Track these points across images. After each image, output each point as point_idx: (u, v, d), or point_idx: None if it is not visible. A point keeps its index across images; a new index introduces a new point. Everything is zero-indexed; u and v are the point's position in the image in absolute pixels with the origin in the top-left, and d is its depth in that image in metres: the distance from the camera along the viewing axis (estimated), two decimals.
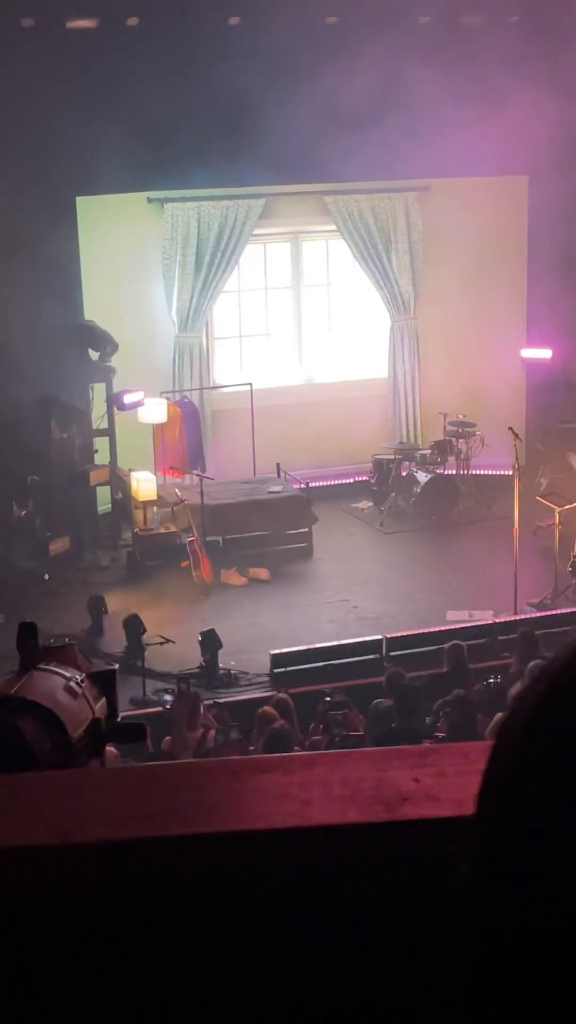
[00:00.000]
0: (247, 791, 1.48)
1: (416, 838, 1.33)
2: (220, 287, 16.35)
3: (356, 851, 1.34)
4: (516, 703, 0.77)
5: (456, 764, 1.44)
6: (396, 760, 1.53)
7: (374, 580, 13.90)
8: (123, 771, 2.02)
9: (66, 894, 1.36)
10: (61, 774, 1.81)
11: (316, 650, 11.63)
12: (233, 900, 1.35)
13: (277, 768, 1.53)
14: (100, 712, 2.01)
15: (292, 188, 16.06)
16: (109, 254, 15.35)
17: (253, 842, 1.37)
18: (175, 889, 1.36)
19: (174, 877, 1.37)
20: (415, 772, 1.43)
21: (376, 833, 1.35)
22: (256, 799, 1.45)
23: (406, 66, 14.35)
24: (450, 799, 1.35)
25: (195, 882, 1.36)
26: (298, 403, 16.81)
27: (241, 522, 14.42)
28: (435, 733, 9.20)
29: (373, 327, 17.39)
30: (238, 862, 1.37)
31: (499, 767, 0.76)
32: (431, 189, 16.82)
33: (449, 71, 14.49)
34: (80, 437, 14.86)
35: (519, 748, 0.74)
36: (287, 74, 14.00)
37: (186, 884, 1.36)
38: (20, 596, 13.04)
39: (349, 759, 1.60)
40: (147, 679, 11.22)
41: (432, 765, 1.46)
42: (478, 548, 14.34)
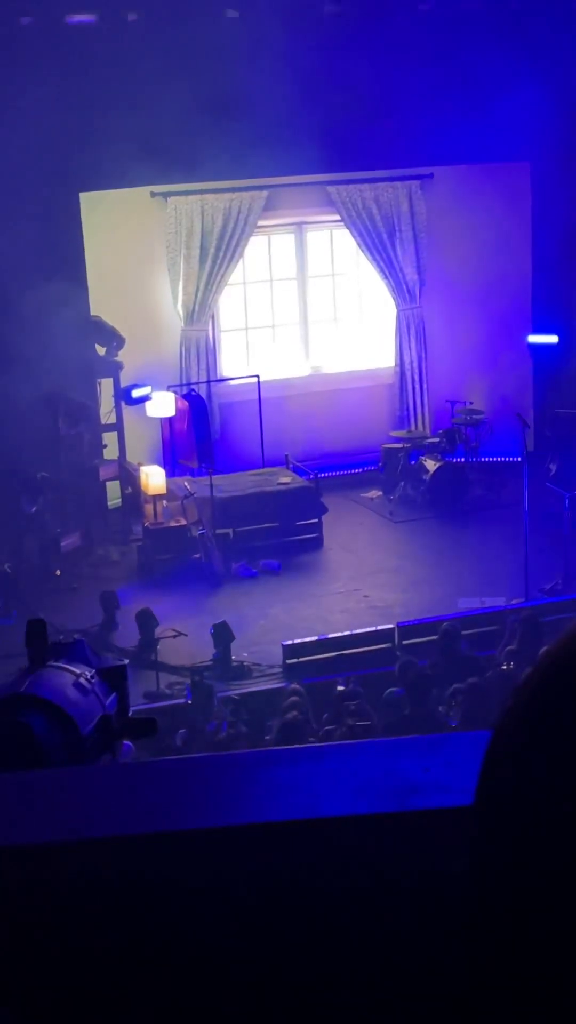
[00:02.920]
0: (258, 784, 1.48)
1: (427, 828, 1.33)
2: (225, 280, 16.33)
3: (366, 843, 1.34)
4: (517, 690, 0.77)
5: (467, 753, 1.44)
6: (406, 750, 1.53)
7: (385, 569, 13.90)
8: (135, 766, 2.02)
9: (79, 891, 1.36)
10: (72, 771, 1.82)
11: (328, 640, 11.64)
12: (245, 893, 1.36)
13: (287, 760, 1.53)
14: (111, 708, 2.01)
15: (295, 179, 16.03)
16: (114, 249, 15.34)
17: (264, 835, 1.37)
18: (189, 884, 1.37)
19: (187, 872, 1.37)
20: (425, 762, 1.43)
21: (386, 824, 1.35)
22: (267, 792, 1.46)
23: (407, 54, 14.33)
24: (461, 788, 1.35)
25: (208, 876, 1.37)
26: (305, 394, 16.80)
27: (251, 514, 14.42)
28: (448, 721, 9.21)
29: (379, 316, 17.36)
30: (250, 855, 1.37)
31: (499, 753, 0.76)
32: (434, 177, 16.78)
33: (450, 58, 14.46)
34: (89, 433, 14.87)
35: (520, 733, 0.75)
36: (287, 65, 13.95)
37: (199, 878, 1.37)
38: (32, 592, 13.08)
39: (359, 750, 1.60)
40: (160, 673, 11.25)
41: (443, 754, 1.46)
42: (488, 535, 14.33)
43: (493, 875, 0.73)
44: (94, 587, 13.24)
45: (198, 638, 11.78)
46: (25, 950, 1.36)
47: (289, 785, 1.44)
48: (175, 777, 1.55)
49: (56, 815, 1.46)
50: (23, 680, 1.98)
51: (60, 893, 1.36)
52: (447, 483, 15.51)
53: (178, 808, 1.44)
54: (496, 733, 0.77)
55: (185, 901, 1.36)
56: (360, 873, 1.34)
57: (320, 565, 14.30)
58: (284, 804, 1.41)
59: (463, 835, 0.85)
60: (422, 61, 14.37)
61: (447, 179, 16.67)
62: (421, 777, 1.39)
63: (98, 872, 1.37)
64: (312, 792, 1.40)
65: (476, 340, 17.02)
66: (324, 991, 1.34)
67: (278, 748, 7.08)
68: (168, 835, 1.38)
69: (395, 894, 1.33)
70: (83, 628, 11.87)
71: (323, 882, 1.34)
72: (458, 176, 16.56)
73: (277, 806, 1.42)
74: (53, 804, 1.49)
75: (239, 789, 1.49)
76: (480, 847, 0.75)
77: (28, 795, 1.52)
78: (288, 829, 1.36)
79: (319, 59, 14.14)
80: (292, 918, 1.35)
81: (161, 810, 1.44)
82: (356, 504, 15.96)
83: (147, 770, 1.66)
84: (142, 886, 1.36)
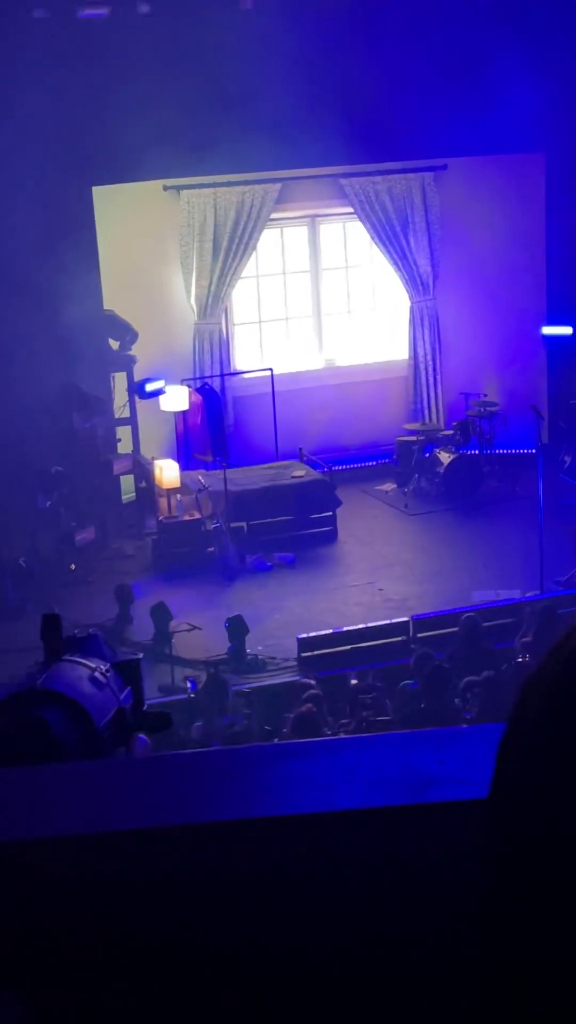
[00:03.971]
0: (273, 777, 1.48)
1: (442, 821, 1.33)
2: (238, 273, 16.33)
3: (381, 835, 1.34)
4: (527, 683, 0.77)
5: (483, 745, 1.44)
6: (422, 743, 1.53)
7: (399, 562, 13.89)
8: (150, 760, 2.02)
9: (96, 884, 1.36)
10: (88, 764, 1.82)
11: (343, 633, 11.63)
12: (262, 886, 1.36)
13: (302, 754, 1.53)
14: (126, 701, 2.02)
15: (308, 171, 16.00)
16: (127, 243, 15.35)
17: (279, 828, 1.37)
18: (204, 877, 1.37)
19: (203, 865, 1.37)
20: (441, 754, 1.43)
21: (401, 817, 1.35)
22: (282, 785, 1.46)
23: (420, 45, 14.29)
24: (477, 781, 1.35)
25: (224, 869, 1.37)
26: (319, 387, 16.78)
27: (265, 507, 14.42)
28: (464, 714, 9.20)
29: (392, 308, 17.34)
30: (266, 849, 1.37)
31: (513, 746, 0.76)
32: (448, 169, 16.74)
33: (463, 49, 14.42)
34: (103, 427, 14.89)
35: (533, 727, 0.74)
36: (300, 57, 13.94)
37: (215, 872, 1.37)
38: (47, 586, 13.11)
39: (374, 743, 1.60)
40: (175, 666, 11.26)
41: (458, 747, 1.46)
42: (503, 527, 14.31)
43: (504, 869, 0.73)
44: (109, 581, 13.26)
45: (213, 632, 11.79)
46: (41, 941, 1.36)
47: (304, 778, 1.44)
48: (190, 771, 1.55)
49: (72, 808, 1.46)
50: (39, 674, 1.99)
51: (76, 886, 1.37)
52: (461, 475, 15.49)
53: (193, 801, 1.44)
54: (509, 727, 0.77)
55: (201, 894, 1.36)
56: (376, 866, 1.34)
57: (334, 558, 14.29)
58: (299, 797, 1.41)
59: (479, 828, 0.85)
60: (435, 52, 14.32)
61: (461, 170, 16.62)
62: (437, 770, 1.39)
63: (114, 865, 1.37)
64: (327, 785, 1.40)
65: (490, 332, 16.98)
66: (340, 983, 1.34)
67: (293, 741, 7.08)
68: (183, 828, 1.39)
69: (411, 887, 1.33)
70: (98, 622, 11.90)
71: (339, 875, 1.34)
72: (472, 167, 16.51)
73: (292, 799, 1.42)
74: (69, 797, 1.50)
75: (254, 782, 1.49)
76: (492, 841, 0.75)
77: (44, 788, 1.52)
78: (304, 822, 1.37)
79: (332, 51, 14.12)
80: (309, 911, 1.35)
81: (176, 804, 1.44)
82: (370, 497, 15.94)
83: (162, 764, 1.67)
84: (158, 879, 1.37)
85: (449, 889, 1.28)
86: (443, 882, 1.29)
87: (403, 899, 1.33)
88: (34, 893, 1.36)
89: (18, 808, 1.47)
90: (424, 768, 1.39)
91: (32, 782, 1.55)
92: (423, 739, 1.55)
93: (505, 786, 0.76)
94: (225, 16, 14.02)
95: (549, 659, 0.77)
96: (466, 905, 0.94)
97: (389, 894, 1.34)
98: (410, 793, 1.36)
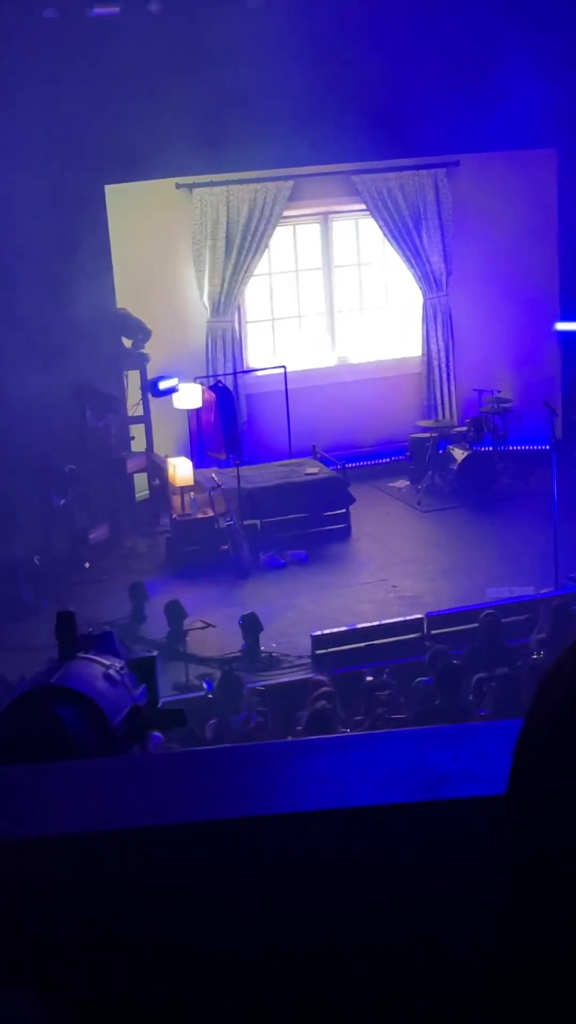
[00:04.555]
0: (288, 774, 1.48)
1: (456, 818, 1.33)
2: (251, 271, 16.32)
3: (396, 832, 1.34)
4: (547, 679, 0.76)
5: (496, 742, 1.44)
6: (436, 739, 1.53)
7: (413, 559, 13.87)
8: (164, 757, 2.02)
9: (109, 880, 1.37)
10: (102, 762, 1.83)
11: (357, 631, 11.63)
12: (276, 882, 1.36)
13: (317, 750, 1.53)
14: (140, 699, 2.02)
15: (320, 169, 15.99)
16: (139, 242, 15.36)
17: (294, 825, 1.37)
18: (218, 873, 1.37)
19: (217, 862, 1.38)
20: (455, 751, 1.43)
21: (415, 813, 1.35)
22: (297, 782, 1.46)
23: (432, 41, 14.27)
24: (490, 778, 1.35)
25: (238, 866, 1.37)
26: (332, 384, 16.77)
27: (278, 505, 14.42)
28: (478, 711, 9.19)
29: (405, 305, 17.32)
30: (281, 845, 1.37)
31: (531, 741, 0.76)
32: (461, 165, 16.71)
33: (475, 45, 14.39)
34: (116, 425, 14.90)
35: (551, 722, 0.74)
36: (311, 54, 13.93)
37: (229, 868, 1.37)
38: (61, 584, 13.13)
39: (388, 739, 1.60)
40: (189, 664, 11.27)
41: (472, 744, 1.46)
42: (517, 524, 14.28)
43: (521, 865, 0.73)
44: (123, 579, 13.28)
45: (226, 629, 11.79)
46: (54, 937, 1.37)
47: (319, 775, 1.44)
48: (205, 768, 1.55)
49: (86, 806, 1.46)
50: (53, 671, 1.99)
51: (90, 883, 1.37)
52: (475, 472, 15.46)
53: (208, 799, 1.45)
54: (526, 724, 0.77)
55: (216, 892, 1.36)
56: (391, 862, 1.34)
57: (348, 555, 14.28)
58: (314, 794, 1.41)
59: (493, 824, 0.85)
60: (447, 48, 14.30)
61: (473, 167, 16.59)
62: (450, 766, 1.39)
63: (129, 862, 1.37)
64: (342, 782, 1.41)
65: (503, 328, 16.94)
66: (357, 977, 1.34)
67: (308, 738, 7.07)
68: (198, 825, 1.39)
69: (425, 883, 1.33)
70: (112, 620, 11.91)
71: (353, 871, 1.34)
72: (484, 163, 16.47)
73: (307, 796, 1.42)
74: (83, 795, 1.50)
75: (269, 779, 1.49)
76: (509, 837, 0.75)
77: (59, 786, 1.52)
78: (319, 819, 1.37)
79: (343, 48, 14.10)
80: (324, 906, 1.35)
81: (191, 801, 1.44)
82: (384, 494, 15.93)
83: (176, 761, 1.67)
84: (172, 876, 1.37)
85: (463, 885, 1.28)
86: (457, 878, 1.29)
87: (418, 895, 1.33)
88: (49, 890, 1.36)
89: (33, 805, 1.47)
90: (438, 765, 1.39)
91: (46, 779, 1.56)
92: (437, 736, 1.55)
93: (522, 782, 0.76)
94: (236, 14, 14.01)
95: (566, 656, 0.77)
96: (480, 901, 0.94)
97: (404, 890, 1.34)
98: (424, 790, 1.36)
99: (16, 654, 10.71)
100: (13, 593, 12.81)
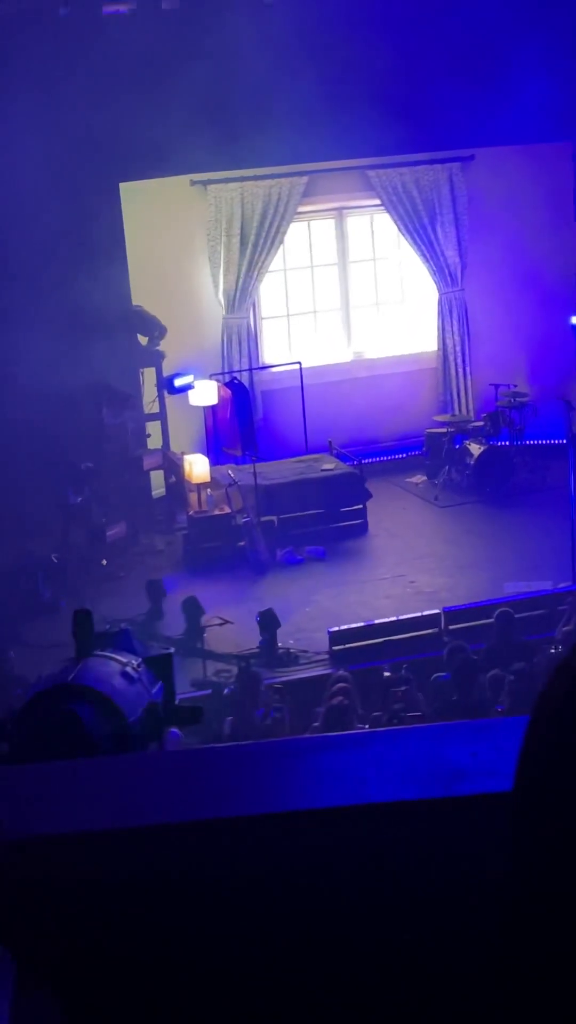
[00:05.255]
0: (305, 771, 1.48)
1: (475, 814, 1.33)
2: (266, 267, 16.32)
3: (413, 828, 1.34)
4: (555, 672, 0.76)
5: (515, 738, 1.43)
6: (453, 735, 1.53)
7: (430, 554, 13.86)
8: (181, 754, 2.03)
9: (128, 878, 1.37)
10: (120, 759, 1.83)
11: (375, 626, 11.62)
12: (293, 879, 1.36)
13: (334, 747, 1.53)
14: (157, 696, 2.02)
15: (334, 164, 15.98)
16: (154, 239, 15.37)
17: (311, 821, 1.37)
18: (236, 870, 1.37)
19: (236, 858, 1.38)
20: (473, 747, 1.42)
21: (433, 809, 1.34)
22: (314, 778, 1.46)
23: (446, 36, 14.23)
24: (509, 773, 1.34)
25: (256, 863, 1.37)
26: (348, 380, 16.76)
27: (295, 501, 14.42)
28: (496, 707, 9.18)
29: (421, 300, 17.29)
30: (297, 841, 1.37)
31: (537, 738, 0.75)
32: (475, 159, 16.67)
33: (489, 38, 14.35)
34: (132, 422, 14.92)
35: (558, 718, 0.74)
36: (324, 49, 13.92)
37: (247, 865, 1.37)
38: (79, 582, 13.16)
39: (406, 735, 1.60)
40: (207, 660, 11.28)
41: (490, 739, 1.45)
42: (534, 518, 14.25)
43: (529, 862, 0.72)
44: (140, 576, 13.30)
45: (244, 625, 11.80)
46: (73, 936, 1.37)
47: (336, 771, 1.43)
48: (222, 765, 1.55)
49: (104, 803, 1.47)
50: (70, 669, 2.00)
51: (109, 881, 1.37)
52: (492, 467, 15.43)
53: (226, 796, 1.44)
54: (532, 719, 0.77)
55: (233, 888, 1.36)
56: (409, 859, 1.33)
57: (365, 551, 14.28)
58: (332, 790, 1.41)
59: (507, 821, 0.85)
60: (461, 42, 14.27)
61: (488, 160, 16.55)
62: (469, 762, 1.38)
63: (148, 860, 1.37)
64: (359, 778, 1.40)
65: (519, 322, 16.90)
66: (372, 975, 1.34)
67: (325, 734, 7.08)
68: (216, 823, 1.39)
69: (443, 879, 1.32)
70: (129, 617, 11.93)
71: (371, 868, 1.34)
72: (499, 157, 16.43)
73: (325, 792, 1.42)
74: (101, 792, 1.50)
75: (287, 776, 1.49)
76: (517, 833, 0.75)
77: (77, 783, 1.53)
78: (336, 815, 1.36)
79: (356, 43, 14.07)
80: (341, 904, 1.35)
81: (208, 798, 1.44)
82: (400, 489, 15.91)
83: (194, 758, 1.67)
84: (190, 874, 1.37)
85: (481, 882, 1.27)
86: (475, 875, 1.28)
87: (435, 893, 1.33)
88: (62, 888, 1.36)
89: (51, 803, 1.47)
90: (456, 761, 1.39)
91: (64, 777, 1.56)
92: (455, 731, 1.54)
93: (529, 777, 0.75)
94: (249, 9, 14.01)
95: (573, 652, 0.77)
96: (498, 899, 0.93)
97: (422, 888, 1.33)
98: (442, 786, 1.36)
99: (35, 651, 10.74)
100: (31, 591, 12.85)
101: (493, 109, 14.69)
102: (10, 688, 9.45)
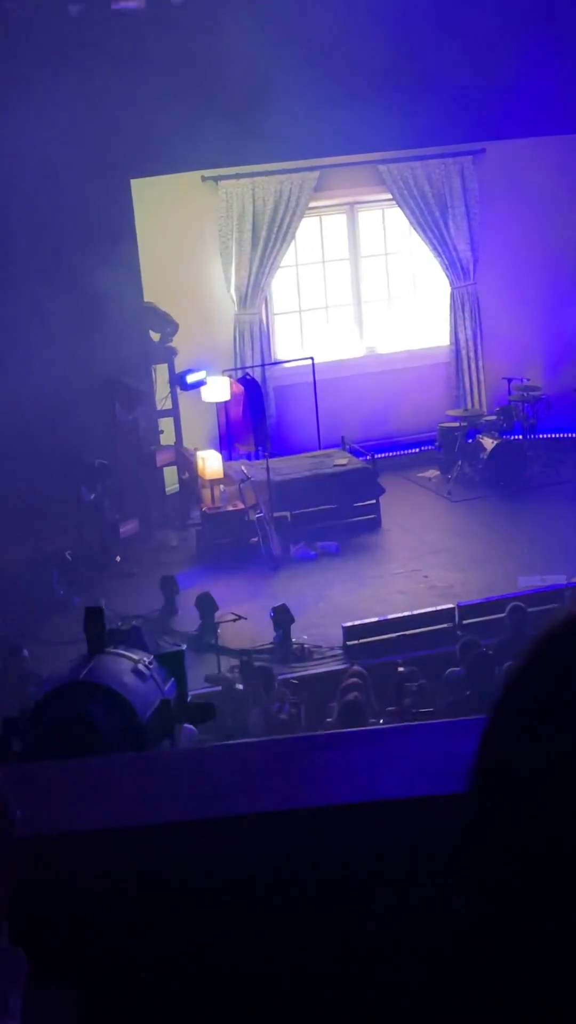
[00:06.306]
0: (319, 767, 1.48)
1: None
2: (277, 262, 16.31)
3: (426, 824, 1.34)
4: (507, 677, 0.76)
5: None
6: (466, 731, 1.52)
7: (443, 549, 13.84)
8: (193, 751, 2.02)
9: (141, 877, 1.37)
10: (132, 756, 1.82)
11: (388, 621, 11.61)
12: (308, 874, 1.36)
13: (347, 743, 1.53)
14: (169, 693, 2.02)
15: (346, 159, 15.95)
16: (166, 235, 15.37)
17: (325, 817, 1.37)
18: (251, 868, 1.37)
19: (249, 854, 1.37)
20: None
21: (446, 805, 1.34)
22: (327, 775, 1.45)
23: (455, 28, 14.19)
24: None
25: (270, 859, 1.37)
26: (360, 375, 16.74)
27: (308, 496, 14.42)
28: None
29: (433, 295, 17.26)
30: (311, 837, 1.37)
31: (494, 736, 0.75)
32: (487, 152, 16.63)
33: (500, 30, 14.30)
34: (145, 419, 14.93)
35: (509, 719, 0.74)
36: (336, 43, 13.89)
37: (261, 861, 1.37)
38: (93, 578, 13.18)
39: (418, 731, 1.59)
40: (221, 656, 11.29)
41: None
42: (547, 512, 14.22)
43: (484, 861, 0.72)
44: (154, 572, 13.31)
45: (258, 621, 11.80)
46: (87, 933, 1.37)
47: (350, 768, 1.43)
48: (234, 762, 1.55)
49: (117, 802, 1.46)
50: (82, 667, 2.00)
51: (123, 879, 1.37)
52: (505, 461, 15.40)
53: (238, 793, 1.44)
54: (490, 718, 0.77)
55: (247, 884, 1.36)
56: (422, 855, 1.33)
57: (378, 546, 14.26)
58: (345, 787, 1.41)
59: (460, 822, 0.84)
60: (472, 34, 14.23)
61: (500, 154, 16.50)
62: None
63: (160, 858, 1.37)
64: (372, 775, 1.40)
65: (532, 316, 16.86)
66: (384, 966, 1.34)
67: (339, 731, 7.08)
68: (230, 819, 1.39)
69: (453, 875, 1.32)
70: (143, 613, 11.94)
71: (384, 863, 1.34)
72: (510, 150, 16.38)
73: (338, 789, 1.41)
74: (114, 790, 1.50)
75: (300, 773, 1.49)
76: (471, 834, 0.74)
77: (89, 782, 1.53)
78: (349, 811, 1.36)
79: (366, 37, 14.03)
80: (355, 898, 1.34)
81: (221, 795, 1.44)
82: (413, 484, 15.89)
83: (206, 756, 1.67)
84: (204, 871, 1.37)
85: None
86: None
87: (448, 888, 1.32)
88: (76, 886, 1.36)
89: (65, 802, 1.47)
90: (469, 756, 1.38)
91: (76, 775, 1.56)
92: (468, 727, 1.54)
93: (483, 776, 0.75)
94: (258, 6, 13.98)
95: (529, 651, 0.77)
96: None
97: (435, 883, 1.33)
98: (455, 782, 1.35)
99: (50, 648, 10.75)
100: (45, 587, 12.87)
101: (504, 102, 14.66)
102: (25, 685, 9.48)
